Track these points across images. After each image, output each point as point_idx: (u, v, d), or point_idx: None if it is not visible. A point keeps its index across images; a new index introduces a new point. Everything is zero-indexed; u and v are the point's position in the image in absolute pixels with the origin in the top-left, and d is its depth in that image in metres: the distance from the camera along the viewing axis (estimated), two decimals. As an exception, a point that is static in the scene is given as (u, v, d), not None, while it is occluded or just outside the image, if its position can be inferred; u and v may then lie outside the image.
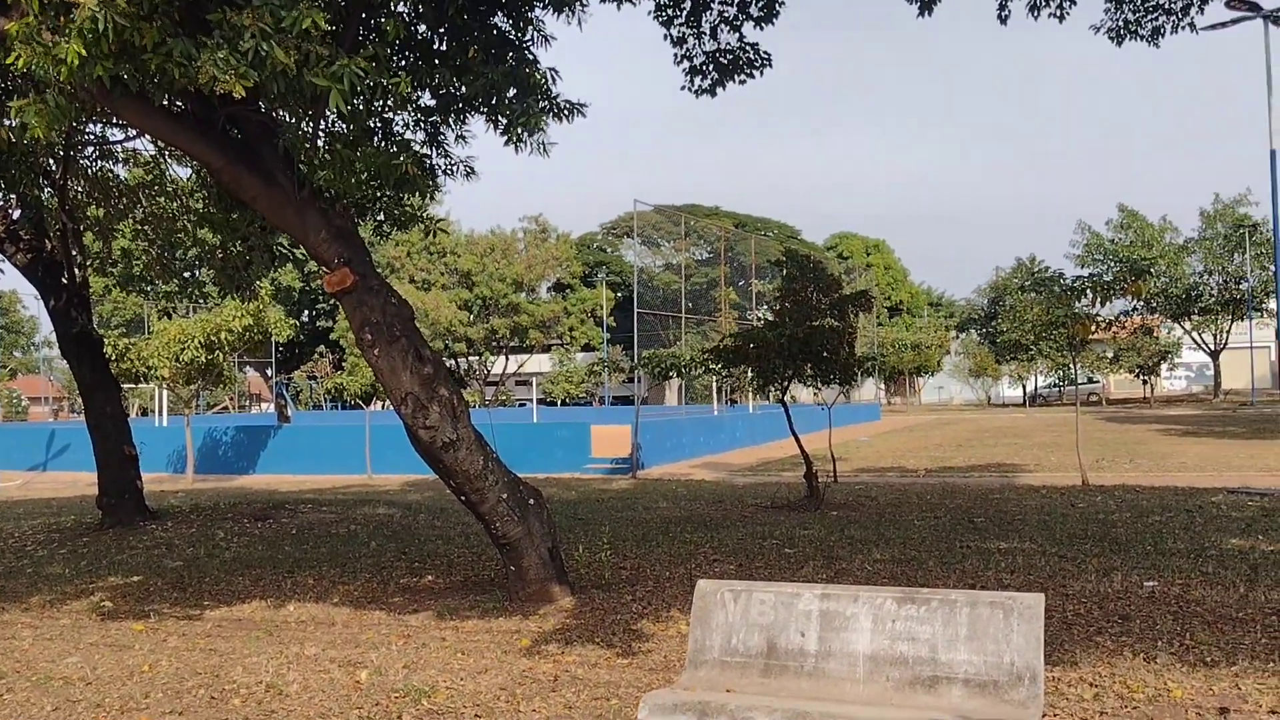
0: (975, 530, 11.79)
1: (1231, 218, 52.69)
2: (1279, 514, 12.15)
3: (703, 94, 10.70)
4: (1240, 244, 51.15)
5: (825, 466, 17.93)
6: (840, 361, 15.41)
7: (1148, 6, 10.53)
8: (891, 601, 4.74)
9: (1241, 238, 51.06)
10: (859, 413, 43.96)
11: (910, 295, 75.35)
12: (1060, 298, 17.91)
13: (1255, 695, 5.49)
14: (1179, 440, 26.68)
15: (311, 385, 58.51)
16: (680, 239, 63.70)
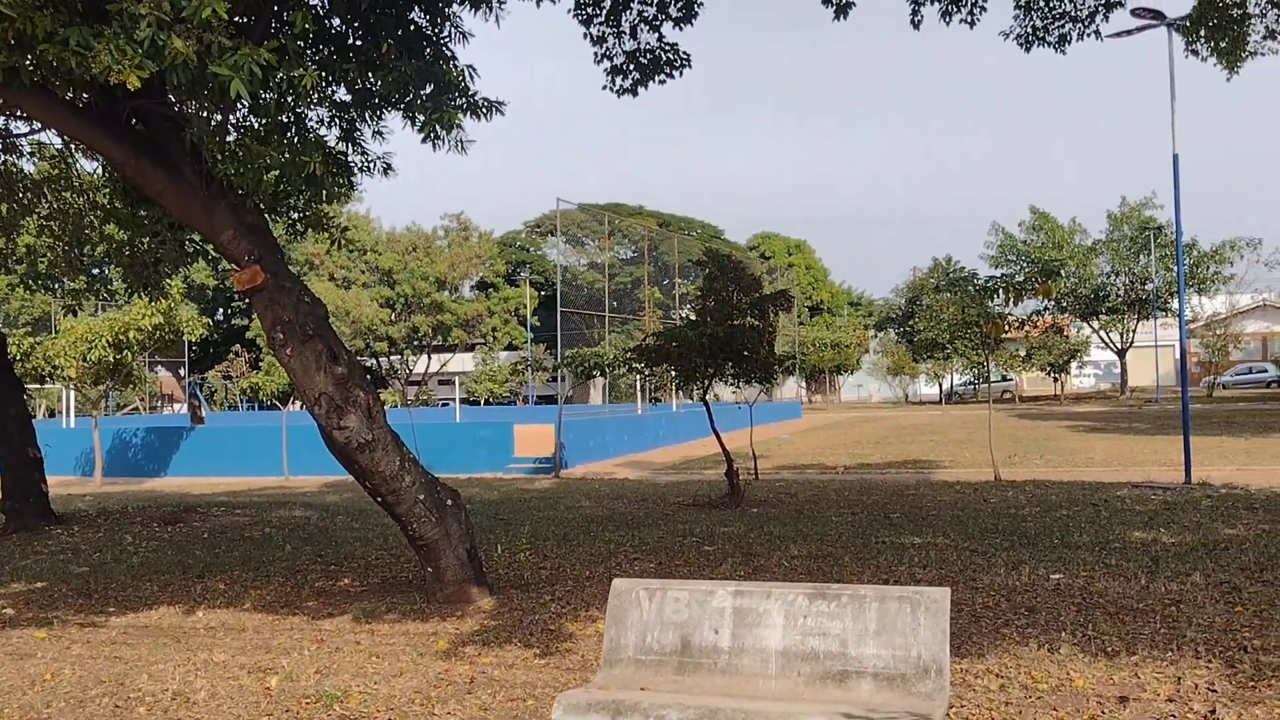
0: (891, 526, 12.00)
1: (1137, 220, 54.43)
2: (1180, 508, 12.58)
3: (624, 94, 10.70)
4: (1145, 246, 52.88)
5: (746, 464, 18.09)
6: (760, 360, 15.56)
7: (1055, 14, 10.82)
8: (803, 598, 4.79)
9: (1147, 240, 52.79)
10: (780, 411, 44.44)
11: (831, 295, 76.40)
12: (974, 297, 18.35)
13: (1153, 684, 5.68)
14: (1087, 436, 27.49)
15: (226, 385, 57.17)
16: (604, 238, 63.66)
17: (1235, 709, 5.23)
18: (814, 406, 62.02)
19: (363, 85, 8.18)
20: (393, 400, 59.52)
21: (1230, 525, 11.03)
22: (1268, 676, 5.68)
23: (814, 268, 75.97)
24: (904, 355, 61.30)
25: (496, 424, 26.26)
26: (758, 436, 22.03)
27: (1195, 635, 6.54)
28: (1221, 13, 10.84)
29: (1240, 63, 10.96)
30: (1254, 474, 16.49)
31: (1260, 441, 23.13)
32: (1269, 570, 8.49)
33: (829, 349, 65.27)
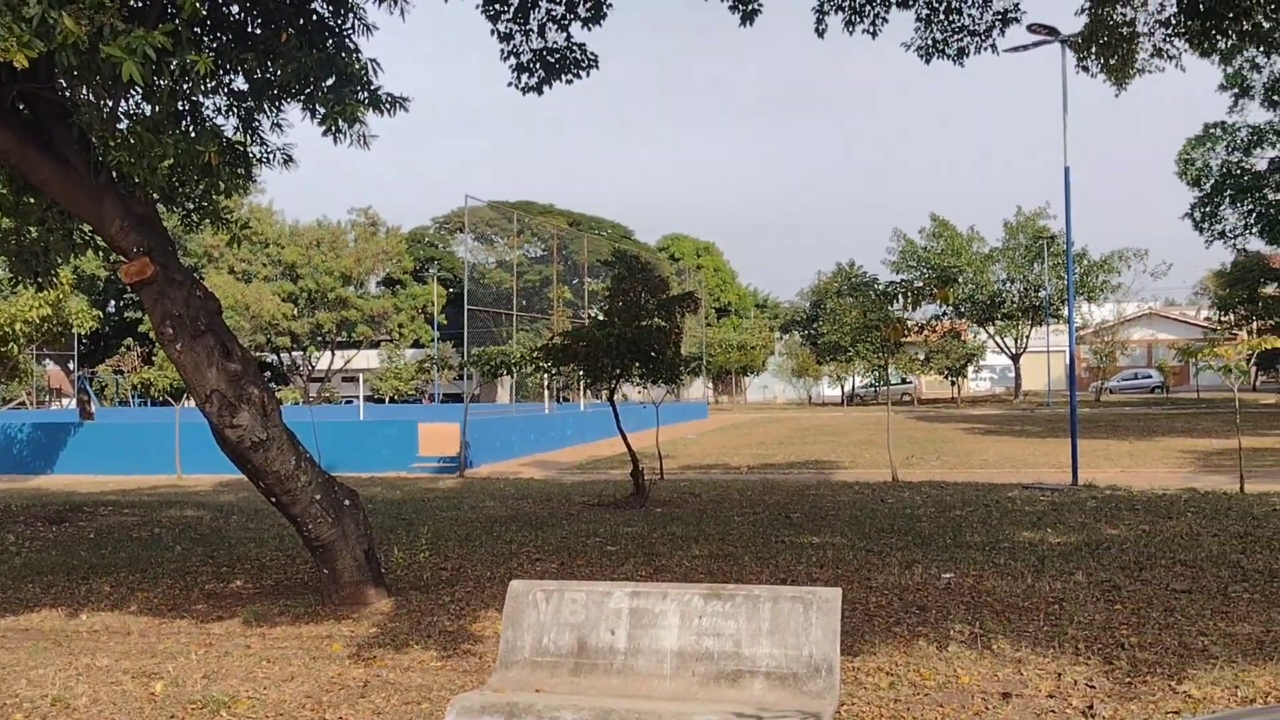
0: (791, 525, 12.18)
1: (1032, 229, 56.23)
2: (1067, 509, 13.04)
3: (529, 91, 10.64)
4: (1039, 254, 54.66)
5: (652, 464, 18.18)
6: (667, 361, 15.65)
7: (954, 28, 11.10)
8: (699, 598, 4.84)
9: (1040, 248, 54.57)
10: (687, 411, 44.74)
11: (738, 297, 77.16)
12: (875, 302, 18.72)
13: (1035, 680, 5.87)
14: (982, 438, 28.30)
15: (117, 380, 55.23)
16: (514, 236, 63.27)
17: (1111, 704, 5.44)
18: (720, 407, 62.60)
19: (261, 75, 7.98)
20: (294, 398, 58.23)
21: (1113, 526, 11.47)
22: (1143, 673, 5.92)
23: (722, 270, 76.63)
24: (808, 357, 62.26)
25: (401, 422, 25.90)
26: (664, 436, 22.15)
27: (1076, 633, 6.78)
28: (1111, 31, 11.25)
29: (1128, 79, 11.40)
30: (1137, 476, 17.19)
31: (1143, 445, 24.11)
32: (1147, 570, 8.85)
33: (736, 350, 65.94)
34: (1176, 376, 59.63)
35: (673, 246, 75.02)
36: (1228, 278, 48.57)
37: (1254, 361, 44.84)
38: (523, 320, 53.33)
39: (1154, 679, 5.79)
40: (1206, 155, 35.50)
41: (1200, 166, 35.58)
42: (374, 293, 65.61)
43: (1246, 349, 16.87)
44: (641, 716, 4.30)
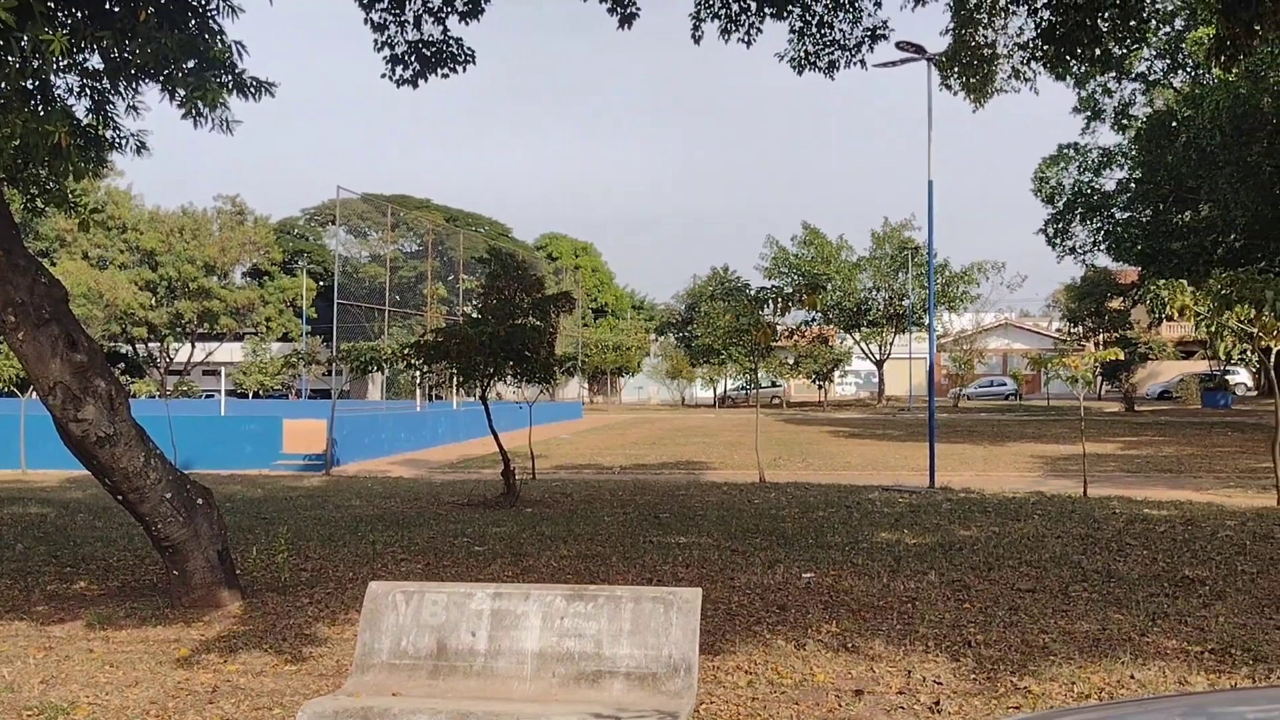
0: (660, 526, 12.29)
1: (898, 240, 58.16)
2: (923, 510, 13.51)
3: (404, 84, 10.45)
4: (904, 264, 56.58)
5: (524, 464, 18.09)
6: (541, 360, 15.61)
7: (825, 41, 11.37)
8: (561, 599, 4.83)
9: (905, 259, 56.49)
10: (562, 410, 44.68)
11: (615, 298, 77.49)
12: (747, 306, 19.05)
13: (887, 678, 6.07)
14: (846, 441, 29.10)
15: (-43, 369, 51.98)
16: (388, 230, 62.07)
17: (957, 700, 5.66)
18: (595, 407, 62.73)
19: (118, 54, 7.62)
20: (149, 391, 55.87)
21: (965, 527, 11.94)
22: (988, 669, 6.18)
23: (600, 270, 76.83)
24: (682, 359, 62.95)
25: (264, 418, 25.12)
26: (538, 436, 22.07)
27: (927, 631, 7.04)
28: (973, 52, 11.72)
29: (987, 98, 11.89)
30: (989, 480, 17.94)
31: (996, 449, 25.19)
32: (995, 570, 9.24)
33: (611, 351, 66.18)
34: (1029, 384, 62.54)
35: (550, 245, 74.85)
36: (1077, 291, 51.17)
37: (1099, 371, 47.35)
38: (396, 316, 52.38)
39: (998, 675, 6.05)
40: (1060, 174, 37.34)
41: (1054, 185, 37.40)
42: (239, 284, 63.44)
43: (1093, 360, 17.82)
44: (499, 718, 4.27)
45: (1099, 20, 10.96)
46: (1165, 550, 10.12)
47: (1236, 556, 9.73)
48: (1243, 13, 8.82)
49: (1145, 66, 31.17)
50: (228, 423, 26.37)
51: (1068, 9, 10.51)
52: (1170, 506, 13.57)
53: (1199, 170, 28.47)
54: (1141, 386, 55.78)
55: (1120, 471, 19.17)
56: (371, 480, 19.05)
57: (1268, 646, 6.53)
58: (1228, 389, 48.17)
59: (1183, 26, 29.50)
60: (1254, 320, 13.10)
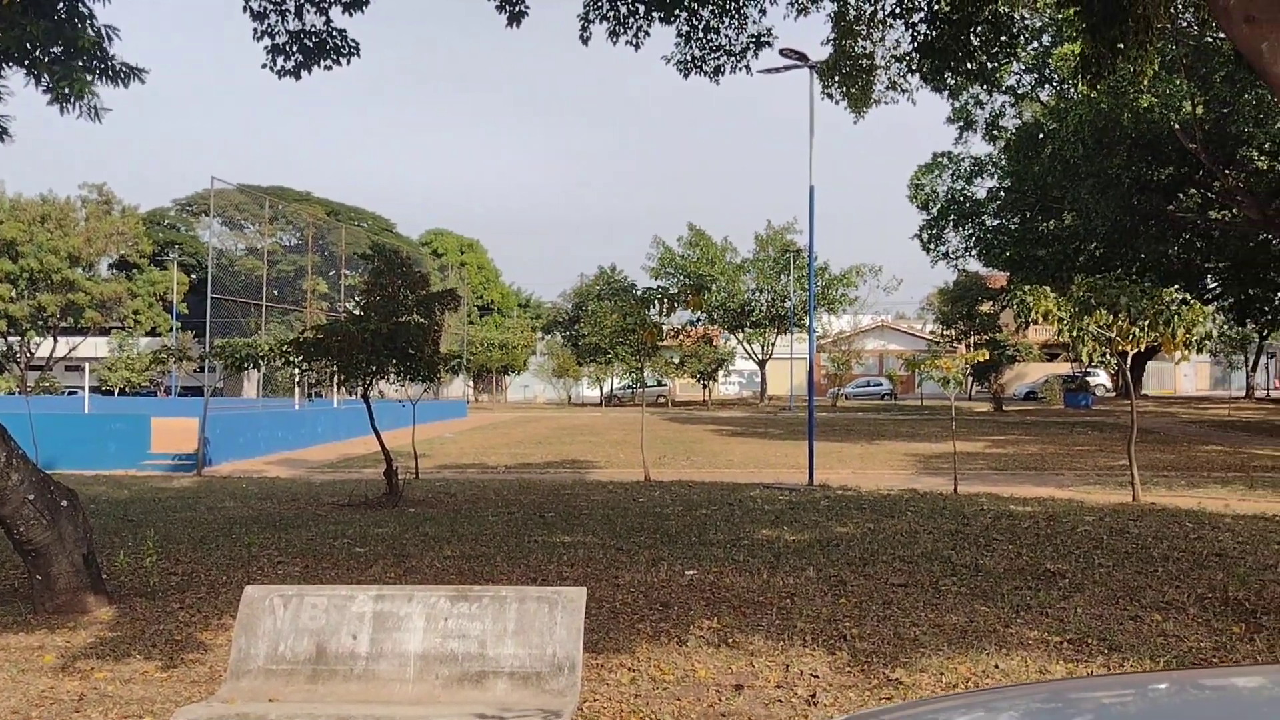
0: (545, 525, 12.28)
1: (780, 243, 59.29)
2: (802, 507, 13.82)
3: (286, 75, 10.19)
4: (786, 267, 57.70)
5: (407, 463, 17.84)
6: (425, 359, 15.42)
7: (711, 46, 11.55)
8: (445, 600, 4.81)
9: (787, 261, 57.62)
10: (446, 409, 44.13)
11: (501, 295, 76.92)
12: (633, 306, 19.19)
13: (766, 672, 6.21)
14: (729, 439, 29.54)
15: None
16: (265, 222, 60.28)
17: (833, 693, 5.84)
18: (480, 406, 62.16)
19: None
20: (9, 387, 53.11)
21: (842, 524, 12.27)
22: (861, 662, 6.38)
23: (486, 268, 76.16)
24: (569, 358, 62.92)
25: (131, 416, 24.14)
26: (422, 435, 21.78)
27: (804, 625, 7.22)
28: (853, 62, 12.07)
29: (866, 108, 12.25)
30: (866, 477, 18.46)
31: (872, 448, 25.92)
32: (871, 565, 9.53)
33: (497, 349, 65.70)
34: (904, 385, 64.51)
35: (436, 242, 73.87)
36: (950, 295, 53.00)
37: (970, 373, 49.15)
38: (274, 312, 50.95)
39: (871, 667, 6.25)
40: (934, 182, 38.65)
41: (929, 192, 38.69)
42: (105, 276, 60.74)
43: (963, 361, 18.50)
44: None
45: (972, 35, 11.40)
46: (1029, 545, 10.59)
47: (1094, 551, 10.24)
48: (1105, 32, 9.31)
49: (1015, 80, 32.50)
50: (92, 421, 25.25)
51: (942, 23, 10.91)
52: (1034, 503, 14.19)
53: (1063, 180, 29.83)
54: (1009, 387, 58.16)
55: (989, 469, 19.96)
56: (246, 481, 18.51)
57: (1121, 636, 6.91)
58: (1088, 390, 50.56)
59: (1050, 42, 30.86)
60: (1111, 325, 13.81)
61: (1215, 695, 2.03)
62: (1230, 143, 26.74)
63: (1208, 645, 6.68)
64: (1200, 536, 11.05)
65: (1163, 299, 13.80)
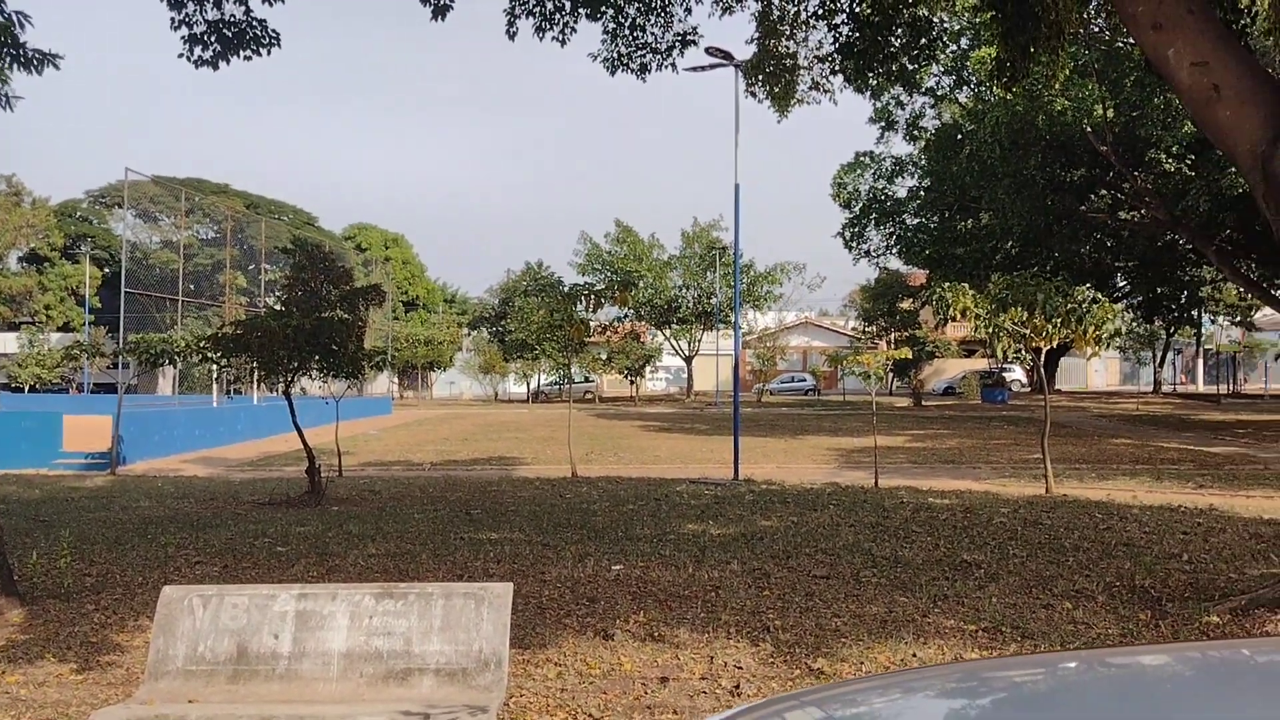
0: (471, 522, 12.23)
1: (706, 240, 59.63)
2: (727, 502, 13.98)
3: (203, 65, 9.99)
4: (712, 264, 58.09)
5: (331, 461, 17.61)
6: (349, 355, 15.24)
7: (637, 44, 11.61)
8: (370, 598, 4.78)
9: (713, 258, 58.01)
10: (371, 406, 43.56)
11: (427, 291, 76.12)
12: (560, 302, 19.17)
13: (691, 664, 6.29)
14: (656, 435, 29.67)
15: None
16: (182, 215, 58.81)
17: (756, 683, 5.93)
18: (406, 402, 61.45)
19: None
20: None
21: (767, 517, 12.44)
22: (784, 653, 6.50)
23: (411, 263, 75.29)
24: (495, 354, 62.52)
25: (42, 414, 23.44)
26: (346, 432, 21.49)
27: (729, 618, 7.33)
28: (777, 62, 12.22)
29: (789, 107, 12.42)
30: (790, 471, 18.71)
31: (796, 443, 26.26)
32: (794, 557, 9.69)
33: (423, 345, 65.01)
34: (828, 380, 65.43)
35: (360, 236, 72.82)
36: (872, 292, 53.85)
37: (890, 368, 50.07)
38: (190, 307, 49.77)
39: (793, 658, 6.37)
40: (857, 181, 39.23)
41: (851, 191, 39.26)
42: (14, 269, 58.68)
43: (884, 357, 18.86)
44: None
45: (892, 37, 11.63)
46: (947, 537, 10.85)
47: (1009, 541, 10.54)
48: (1019, 36, 9.57)
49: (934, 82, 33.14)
50: (1, 419, 24.43)
51: (863, 25, 11.12)
52: (952, 496, 14.54)
53: (981, 181, 30.52)
54: (929, 383, 59.30)
55: (909, 463, 20.37)
56: (163, 480, 18.09)
57: (1033, 624, 7.14)
58: (1005, 386, 51.84)
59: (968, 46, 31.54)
60: (1026, 322, 14.21)
61: (1120, 672, 2.13)
62: (1139, 145, 27.61)
63: (1115, 631, 6.93)
64: (1109, 527, 11.43)
65: (1075, 297, 14.24)
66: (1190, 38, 7.37)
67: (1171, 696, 1.92)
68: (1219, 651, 2.41)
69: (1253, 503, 13.61)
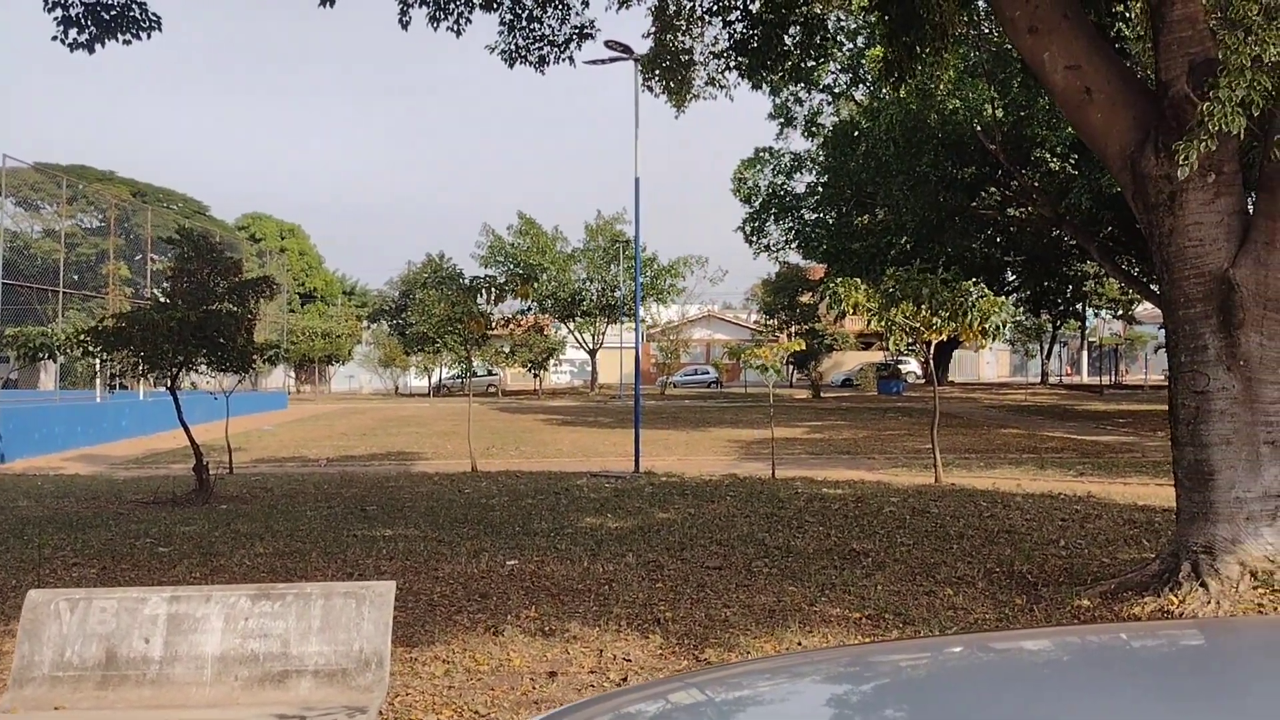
0: (366, 519, 12.04)
1: (610, 233, 59.70)
2: (627, 494, 14.03)
3: (79, 48, 9.62)
4: (616, 257, 58.18)
5: (221, 458, 17.15)
6: (238, 349, 14.86)
7: (535, 36, 11.55)
8: (246, 599, 4.67)
9: (617, 251, 58.12)
10: (265, 401, 42.55)
11: (325, 282, 74.56)
12: (461, 295, 18.99)
13: (580, 658, 6.30)
14: (559, 429, 29.62)
15: None
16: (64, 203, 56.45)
17: (645, 675, 5.97)
18: (302, 397, 60.13)
19: None
20: None
21: (664, 510, 12.52)
22: (673, 645, 6.55)
23: (308, 253, 73.64)
24: (396, 347, 61.59)
25: (-91, 412, 22.26)
26: (238, 428, 20.99)
27: (621, 611, 7.36)
28: (674, 56, 12.29)
29: (686, 102, 12.50)
30: (690, 464, 18.88)
31: (698, 435, 26.51)
32: (688, 549, 9.78)
33: (320, 338, 63.67)
34: (730, 373, 66.16)
35: (254, 226, 70.90)
36: (773, 286, 54.63)
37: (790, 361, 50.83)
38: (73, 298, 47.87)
39: (681, 649, 6.43)
40: (756, 176, 39.73)
41: (751, 186, 39.74)
42: (-121, 258, 55.61)
43: (782, 350, 19.11)
44: (175, 727, 4.08)
45: (786, 36, 11.79)
46: (838, 526, 11.08)
47: (897, 530, 10.82)
48: (905, 37, 9.80)
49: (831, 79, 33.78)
50: None
51: (758, 23, 11.25)
52: (845, 485, 14.85)
53: (876, 177, 31.19)
54: (827, 375, 60.45)
55: (806, 454, 20.74)
56: (42, 479, 17.37)
57: (915, 610, 7.34)
58: (900, 377, 53.11)
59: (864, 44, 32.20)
60: (915, 315, 14.57)
61: (998, 657, 2.20)
62: (1026, 145, 28.54)
63: (992, 616, 7.17)
64: (993, 515, 11.82)
65: (962, 291, 14.65)
66: (1064, 41, 7.64)
67: (1038, 680, 1.99)
68: (1088, 637, 2.51)
69: (1129, 490, 14.21)
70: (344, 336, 65.42)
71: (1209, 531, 7.20)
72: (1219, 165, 7.07)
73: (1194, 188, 7.16)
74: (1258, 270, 7.08)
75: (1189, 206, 7.21)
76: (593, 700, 2.00)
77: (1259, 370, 7.13)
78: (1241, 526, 7.13)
